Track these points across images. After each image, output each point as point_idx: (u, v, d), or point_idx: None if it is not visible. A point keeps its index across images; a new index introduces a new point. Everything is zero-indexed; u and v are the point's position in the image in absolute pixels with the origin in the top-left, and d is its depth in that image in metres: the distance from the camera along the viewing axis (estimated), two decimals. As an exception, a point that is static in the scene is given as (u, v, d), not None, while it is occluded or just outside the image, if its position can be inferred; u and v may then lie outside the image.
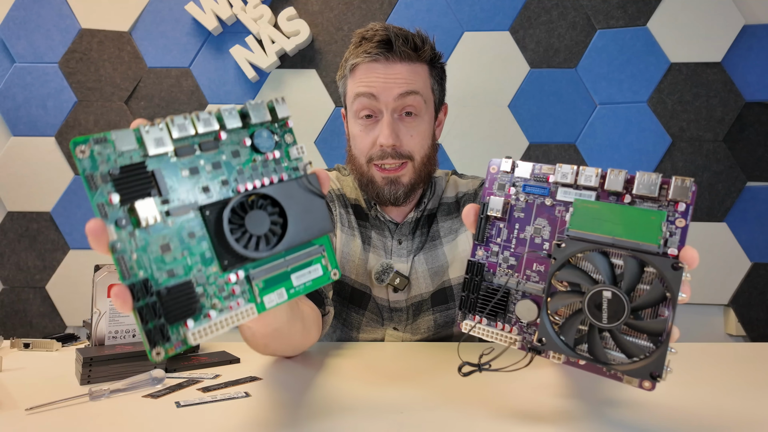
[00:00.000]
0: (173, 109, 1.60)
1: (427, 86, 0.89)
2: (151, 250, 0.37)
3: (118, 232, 0.36)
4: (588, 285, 0.41)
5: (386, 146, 0.85)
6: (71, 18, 1.61)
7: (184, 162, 0.40)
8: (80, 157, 0.36)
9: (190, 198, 0.40)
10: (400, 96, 0.85)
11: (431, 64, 0.90)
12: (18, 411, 0.51)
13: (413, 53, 0.86)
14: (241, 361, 0.73)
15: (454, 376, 0.64)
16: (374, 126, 0.87)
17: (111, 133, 0.37)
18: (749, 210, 1.50)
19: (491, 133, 1.57)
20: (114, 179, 0.37)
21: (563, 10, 1.56)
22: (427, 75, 0.89)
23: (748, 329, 1.49)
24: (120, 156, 0.38)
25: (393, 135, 0.85)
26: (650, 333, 0.40)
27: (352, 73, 0.89)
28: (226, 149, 0.42)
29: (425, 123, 0.89)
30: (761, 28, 1.51)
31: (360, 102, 0.87)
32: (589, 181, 0.44)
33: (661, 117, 1.52)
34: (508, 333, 0.46)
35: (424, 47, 0.87)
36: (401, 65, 0.86)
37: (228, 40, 1.60)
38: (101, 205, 0.36)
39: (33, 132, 1.59)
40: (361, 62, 0.87)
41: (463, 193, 0.99)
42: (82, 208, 1.58)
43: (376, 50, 0.85)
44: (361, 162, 0.90)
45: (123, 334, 0.69)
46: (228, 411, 0.52)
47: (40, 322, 1.58)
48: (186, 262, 0.39)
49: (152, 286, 0.37)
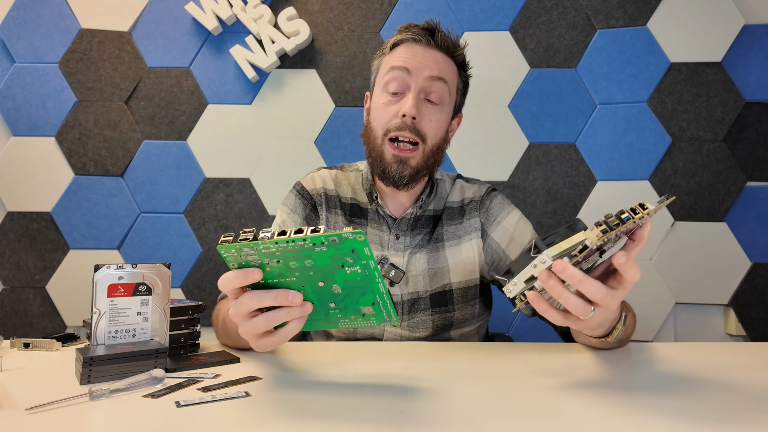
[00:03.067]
0: (173, 109, 1.61)
1: (454, 82, 0.94)
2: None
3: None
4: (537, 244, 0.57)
5: (408, 116, 0.88)
6: (71, 18, 1.61)
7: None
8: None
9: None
10: (431, 78, 0.90)
11: (461, 67, 0.96)
12: (18, 411, 0.51)
13: (452, 48, 0.93)
14: (241, 361, 0.73)
15: (454, 376, 0.64)
16: (399, 100, 0.91)
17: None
18: (749, 210, 1.50)
19: (491, 133, 1.57)
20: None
21: (563, 10, 1.56)
22: (456, 74, 0.95)
23: (748, 329, 1.49)
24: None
25: (417, 108, 0.89)
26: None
27: (392, 51, 0.94)
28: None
29: (444, 114, 0.93)
30: (761, 28, 1.51)
31: (392, 74, 0.91)
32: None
33: (661, 117, 1.52)
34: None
35: (460, 49, 0.95)
36: (438, 53, 0.92)
37: (228, 40, 1.60)
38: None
39: (33, 132, 1.59)
40: (404, 40, 0.93)
41: (470, 199, 1.00)
42: (82, 208, 1.58)
43: (420, 32, 0.92)
44: (378, 135, 0.92)
45: (123, 334, 0.69)
46: (228, 411, 0.52)
47: (40, 322, 1.58)
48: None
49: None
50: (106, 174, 1.60)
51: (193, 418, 0.50)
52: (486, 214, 0.98)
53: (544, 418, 0.50)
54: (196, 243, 1.59)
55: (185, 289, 1.59)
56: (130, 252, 1.58)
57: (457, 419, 0.49)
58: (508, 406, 0.53)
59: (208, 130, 1.61)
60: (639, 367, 0.69)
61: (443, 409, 0.52)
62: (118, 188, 1.59)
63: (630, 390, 0.58)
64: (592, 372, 0.66)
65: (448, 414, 0.51)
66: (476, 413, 0.51)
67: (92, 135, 1.60)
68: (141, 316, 0.71)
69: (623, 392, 0.57)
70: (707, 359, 0.73)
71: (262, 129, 1.61)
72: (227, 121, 1.61)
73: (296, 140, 1.60)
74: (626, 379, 0.63)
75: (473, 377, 0.64)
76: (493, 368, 0.69)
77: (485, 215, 0.98)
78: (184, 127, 1.61)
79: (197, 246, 1.59)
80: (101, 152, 1.60)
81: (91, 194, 1.59)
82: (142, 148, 1.60)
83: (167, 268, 0.73)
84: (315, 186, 1.01)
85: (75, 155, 1.59)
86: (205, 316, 1.57)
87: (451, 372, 0.66)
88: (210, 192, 1.60)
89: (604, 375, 0.65)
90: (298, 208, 0.99)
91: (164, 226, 1.59)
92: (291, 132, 1.61)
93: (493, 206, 0.99)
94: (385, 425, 0.47)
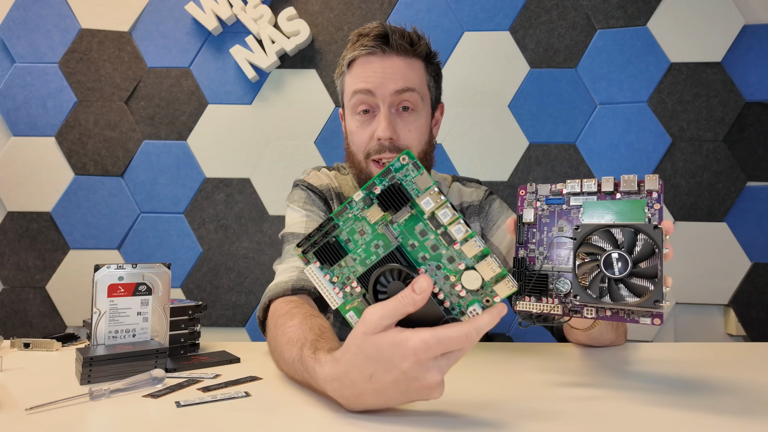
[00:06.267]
0: (173, 109, 1.61)
1: (423, 83, 0.90)
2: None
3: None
4: (601, 252, 0.55)
5: (384, 139, 0.85)
6: (71, 18, 1.61)
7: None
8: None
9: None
10: (396, 92, 0.86)
11: (427, 60, 0.91)
12: (18, 411, 0.51)
13: (409, 47, 0.87)
14: (241, 361, 0.73)
15: (453, 376, 0.64)
16: (371, 121, 0.88)
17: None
18: (749, 210, 1.50)
19: (491, 133, 1.57)
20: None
21: (563, 10, 1.56)
22: (423, 71, 0.90)
23: (748, 329, 1.49)
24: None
25: (390, 128, 0.85)
26: (648, 276, 0.54)
27: (350, 69, 0.90)
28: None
29: (422, 118, 0.90)
30: (761, 28, 1.51)
31: (357, 98, 0.87)
32: (590, 188, 0.60)
33: (661, 117, 1.52)
34: (552, 304, 0.60)
35: (419, 42, 0.88)
36: (398, 59, 0.86)
37: (228, 40, 1.60)
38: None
39: (33, 132, 1.59)
40: (358, 56, 0.88)
41: (468, 203, 1.00)
42: (82, 208, 1.58)
43: (372, 43, 0.86)
44: (360, 158, 0.90)
45: (123, 334, 0.69)
46: (228, 411, 0.52)
47: (40, 322, 1.58)
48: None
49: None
50: (106, 174, 1.60)
51: (193, 418, 0.50)
52: (486, 219, 0.98)
53: (544, 417, 0.50)
54: (196, 243, 1.59)
55: (185, 289, 1.59)
56: (130, 252, 1.58)
57: (457, 419, 0.49)
58: (508, 406, 0.53)
59: (208, 130, 1.61)
60: (639, 367, 0.69)
61: (443, 410, 0.52)
62: (118, 188, 1.59)
63: (630, 390, 0.58)
64: (591, 372, 0.66)
65: (447, 414, 0.51)
66: (476, 413, 0.51)
67: (92, 135, 1.60)
68: (141, 316, 0.71)
69: (623, 392, 0.57)
70: (707, 359, 0.73)
71: (262, 129, 1.61)
72: (227, 121, 1.61)
73: (296, 140, 1.60)
74: (626, 379, 0.63)
75: (473, 377, 0.64)
76: (493, 368, 0.69)
77: (485, 220, 0.98)
78: (184, 127, 1.61)
79: (197, 246, 1.59)
80: (101, 152, 1.60)
81: (91, 194, 1.59)
82: (142, 148, 1.60)
83: (167, 268, 0.73)
84: (321, 182, 0.99)
85: (75, 155, 1.59)
86: (205, 316, 1.57)
87: (450, 372, 0.66)
88: (210, 192, 1.60)
89: (604, 375, 0.65)
90: (314, 200, 0.96)
91: (164, 226, 1.59)
92: (291, 132, 1.61)
93: (493, 210, 0.99)
94: (385, 425, 0.47)
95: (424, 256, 0.49)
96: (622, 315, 0.55)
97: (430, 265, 0.49)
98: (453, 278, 0.48)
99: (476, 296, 0.48)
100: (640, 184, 0.58)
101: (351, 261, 0.51)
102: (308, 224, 0.92)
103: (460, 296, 0.48)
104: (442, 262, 0.49)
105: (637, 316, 0.54)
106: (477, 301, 0.48)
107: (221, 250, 1.59)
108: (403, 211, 0.49)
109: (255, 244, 1.59)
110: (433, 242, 0.49)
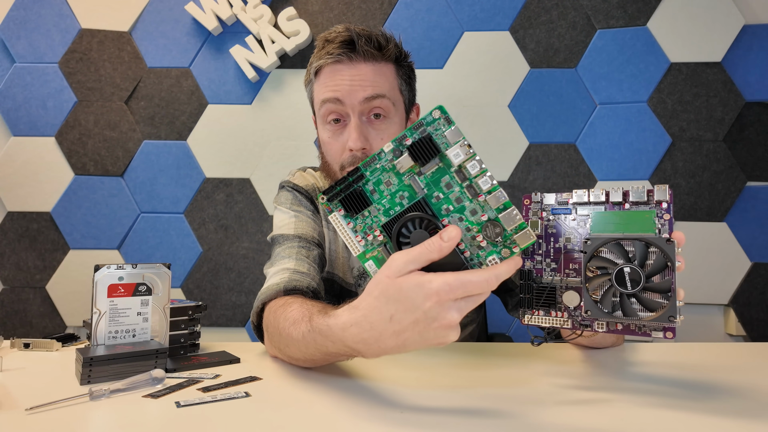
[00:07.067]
0: (173, 109, 1.60)
1: (394, 87, 0.86)
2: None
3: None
4: (612, 266, 0.54)
5: (356, 150, 0.82)
6: (71, 18, 1.61)
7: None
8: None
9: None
10: (366, 99, 0.82)
11: (397, 63, 0.88)
12: (18, 411, 0.51)
13: (377, 52, 0.84)
14: (241, 361, 0.73)
15: (454, 375, 0.64)
16: (343, 130, 0.85)
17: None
18: (749, 210, 1.50)
19: (491, 133, 1.57)
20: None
21: (563, 10, 1.56)
22: (394, 75, 0.87)
23: (748, 329, 1.49)
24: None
25: (361, 138, 0.82)
26: (662, 291, 0.52)
27: (317, 77, 0.87)
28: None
29: (395, 125, 0.87)
30: (761, 28, 1.51)
31: (326, 107, 0.84)
32: (598, 198, 0.59)
33: (661, 117, 1.52)
34: (561, 317, 0.59)
35: (387, 46, 0.85)
36: (366, 65, 0.83)
37: (228, 40, 1.60)
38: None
39: (33, 132, 1.59)
40: (325, 64, 0.85)
41: None
42: (82, 208, 1.58)
43: (338, 51, 0.83)
44: (335, 169, 0.87)
45: (123, 334, 0.69)
46: (228, 411, 0.52)
47: (40, 322, 1.58)
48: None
49: None
50: (106, 174, 1.60)
51: (193, 418, 0.50)
52: None
53: (544, 417, 0.50)
54: (196, 243, 1.59)
55: (185, 289, 1.59)
56: (130, 252, 1.58)
57: (457, 419, 0.49)
58: (508, 406, 0.53)
59: (208, 130, 1.61)
60: (639, 367, 0.69)
61: (443, 410, 0.52)
62: (118, 188, 1.59)
63: (630, 390, 0.58)
64: (591, 372, 0.66)
65: (447, 414, 0.51)
66: (476, 413, 0.51)
67: (92, 135, 1.60)
68: (141, 317, 0.71)
69: (623, 392, 0.57)
70: (707, 359, 0.73)
71: (262, 129, 1.61)
72: (227, 121, 1.61)
73: (296, 140, 1.60)
74: (626, 379, 0.63)
75: (473, 377, 0.64)
76: (493, 368, 0.69)
77: None
78: (184, 127, 1.61)
79: (197, 246, 1.59)
80: (101, 152, 1.60)
81: (91, 194, 1.59)
82: (142, 148, 1.60)
83: (167, 269, 0.73)
84: (306, 182, 0.98)
85: (75, 155, 1.59)
86: (205, 316, 1.57)
87: (450, 372, 0.66)
88: (210, 192, 1.60)
89: (603, 375, 0.65)
90: (301, 200, 0.95)
91: (164, 226, 1.59)
92: (291, 132, 1.61)
93: None
94: (385, 425, 0.47)
95: (448, 208, 0.51)
96: (633, 328, 0.54)
97: (453, 216, 0.51)
98: (474, 229, 0.50)
99: (495, 247, 0.50)
100: (650, 193, 0.57)
101: (375, 210, 0.53)
102: (297, 224, 0.91)
103: (480, 246, 0.50)
104: (464, 215, 0.51)
105: (649, 329, 0.54)
106: (495, 252, 0.50)
107: (221, 250, 1.59)
108: (431, 163, 0.51)
109: (255, 244, 1.59)
110: (458, 195, 0.51)
